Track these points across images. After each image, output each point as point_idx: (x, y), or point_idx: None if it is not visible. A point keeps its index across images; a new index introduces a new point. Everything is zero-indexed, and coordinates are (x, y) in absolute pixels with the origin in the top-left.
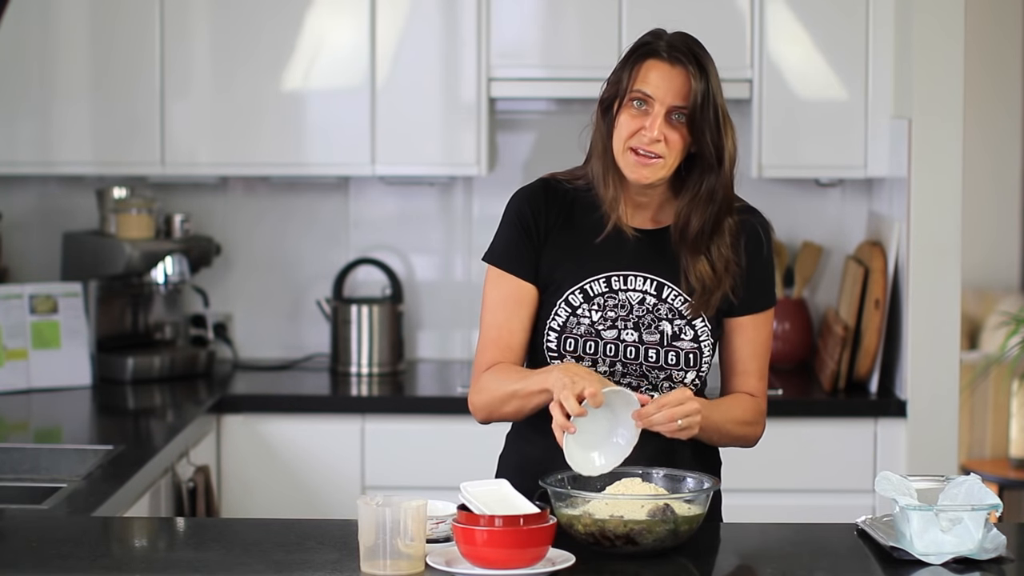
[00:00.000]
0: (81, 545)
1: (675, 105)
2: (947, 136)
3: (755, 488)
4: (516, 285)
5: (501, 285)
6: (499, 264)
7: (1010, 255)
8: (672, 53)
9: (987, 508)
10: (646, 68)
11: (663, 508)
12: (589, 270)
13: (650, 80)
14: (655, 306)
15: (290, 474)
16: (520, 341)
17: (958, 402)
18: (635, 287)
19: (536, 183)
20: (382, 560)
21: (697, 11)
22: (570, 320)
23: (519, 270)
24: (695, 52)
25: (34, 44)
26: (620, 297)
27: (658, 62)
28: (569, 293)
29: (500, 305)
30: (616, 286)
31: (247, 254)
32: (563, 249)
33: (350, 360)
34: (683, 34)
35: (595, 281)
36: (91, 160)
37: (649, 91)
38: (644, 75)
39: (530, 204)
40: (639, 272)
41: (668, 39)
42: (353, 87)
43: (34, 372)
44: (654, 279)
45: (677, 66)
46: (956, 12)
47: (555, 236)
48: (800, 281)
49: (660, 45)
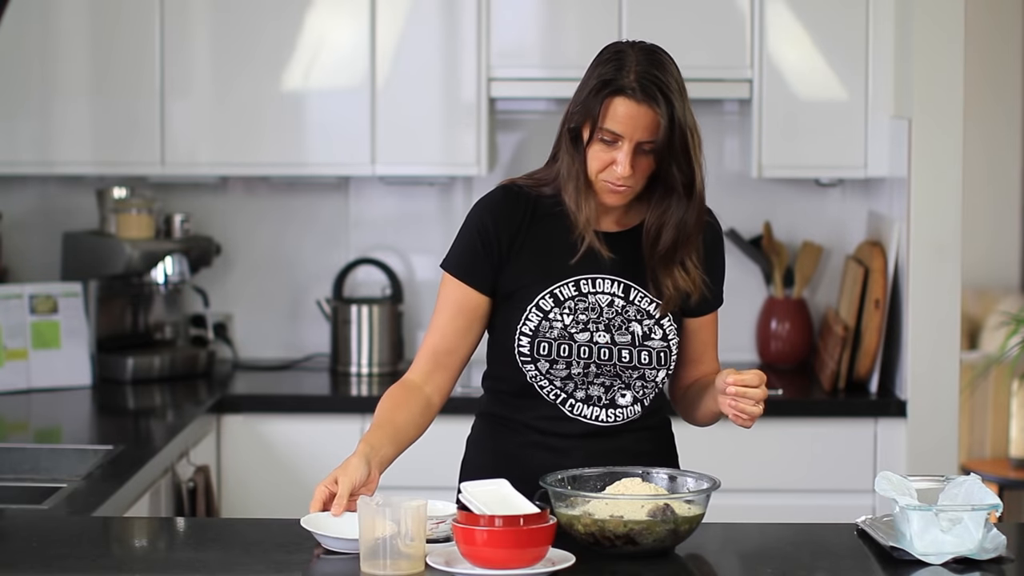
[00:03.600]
0: (81, 545)
1: (643, 140)
2: (947, 136)
3: (755, 488)
4: (463, 293)
5: (452, 292)
6: (453, 272)
7: (1010, 255)
8: (639, 93)
9: (987, 508)
10: (614, 106)
11: (663, 508)
12: (557, 275)
13: (618, 118)
14: (623, 308)
15: (290, 474)
16: (450, 349)
17: (958, 402)
18: (603, 290)
19: (497, 192)
20: (382, 560)
21: (697, 11)
22: (542, 324)
23: (471, 280)
24: (660, 84)
25: (34, 44)
26: (590, 300)
27: (626, 100)
28: (540, 298)
29: (445, 310)
30: (585, 289)
31: (247, 254)
32: (529, 256)
33: (350, 360)
34: (647, 57)
35: (564, 286)
36: (91, 160)
37: (618, 130)
38: (612, 113)
39: (492, 216)
40: (606, 275)
41: (635, 70)
42: (353, 87)
43: (34, 372)
44: (621, 281)
45: (643, 104)
46: (956, 12)
47: (519, 245)
48: (800, 281)
49: (627, 82)
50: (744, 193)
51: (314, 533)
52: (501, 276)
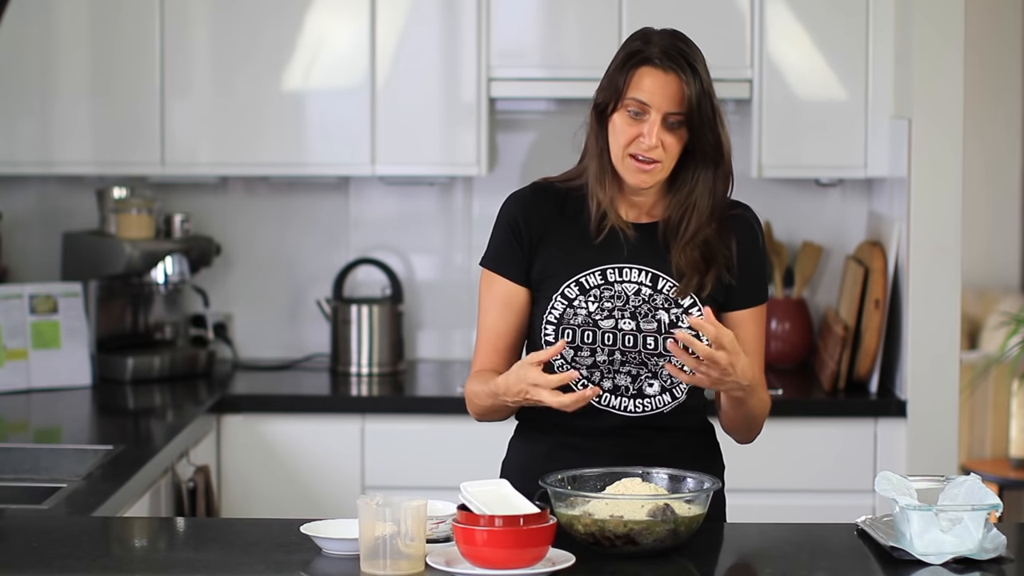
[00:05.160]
0: (81, 545)
1: (670, 111)
2: (947, 136)
3: (755, 488)
4: (505, 287)
5: (492, 287)
6: (490, 267)
7: (1010, 255)
8: (665, 61)
9: (987, 508)
10: (640, 75)
11: (663, 508)
12: (584, 264)
13: (644, 87)
14: (651, 296)
15: (290, 474)
16: (508, 343)
17: (958, 402)
18: (630, 279)
19: (527, 187)
20: (382, 560)
21: (697, 11)
22: (567, 312)
23: (508, 272)
24: (686, 55)
25: (34, 44)
26: (616, 288)
27: (652, 69)
28: (564, 287)
29: (491, 307)
30: (612, 278)
31: (247, 254)
32: (556, 246)
33: (350, 360)
34: (671, 34)
35: (591, 274)
36: (91, 160)
37: (644, 99)
38: (638, 82)
39: (521, 208)
40: (634, 264)
41: (660, 44)
42: (353, 87)
43: (34, 372)
44: (648, 271)
45: (670, 72)
46: (956, 12)
47: (548, 236)
48: (800, 281)
49: (653, 52)
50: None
51: (313, 537)
52: (533, 268)
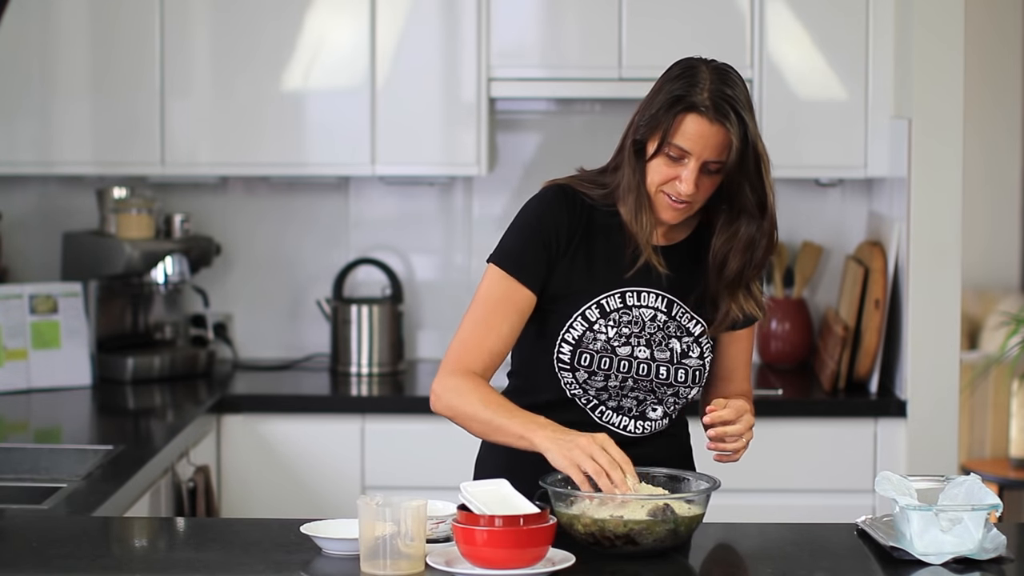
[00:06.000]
0: (81, 545)
1: (711, 160)
2: (947, 136)
3: (755, 488)
4: (523, 296)
5: (510, 293)
6: (508, 268)
7: (1010, 255)
8: (711, 111)
9: (987, 508)
10: (686, 122)
11: (663, 508)
12: (604, 285)
13: (688, 135)
14: (665, 323)
15: (290, 474)
16: (503, 349)
17: (958, 402)
18: (647, 303)
19: (556, 192)
20: (382, 560)
21: (697, 11)
22: (586, 335)
23: (530, 281)
24: (733, 103)
25: (34, 44)
26: (634, 313)
27: (698, 117)
28: (586, 308)
29: (498, 310)
30: (630, 302)
31: (247, 254)
32: (580, 263)
33: (350, 360)
34: (720, 76)
35: (611, 296)
36: (91, 160)
37: (687, 147)
38: (683, 130)
39: (553, 215)
40: (650, 288)
41: (708, 89)
42: (353, 87)
43: (34, 372)
44: (664, 296)
45: (716, 123)
46: (956, 13)
47: (573, 250)
48: (800, 281)
49: (701, 99)
50: None
51: (313, 537)
52: (552, 277)
